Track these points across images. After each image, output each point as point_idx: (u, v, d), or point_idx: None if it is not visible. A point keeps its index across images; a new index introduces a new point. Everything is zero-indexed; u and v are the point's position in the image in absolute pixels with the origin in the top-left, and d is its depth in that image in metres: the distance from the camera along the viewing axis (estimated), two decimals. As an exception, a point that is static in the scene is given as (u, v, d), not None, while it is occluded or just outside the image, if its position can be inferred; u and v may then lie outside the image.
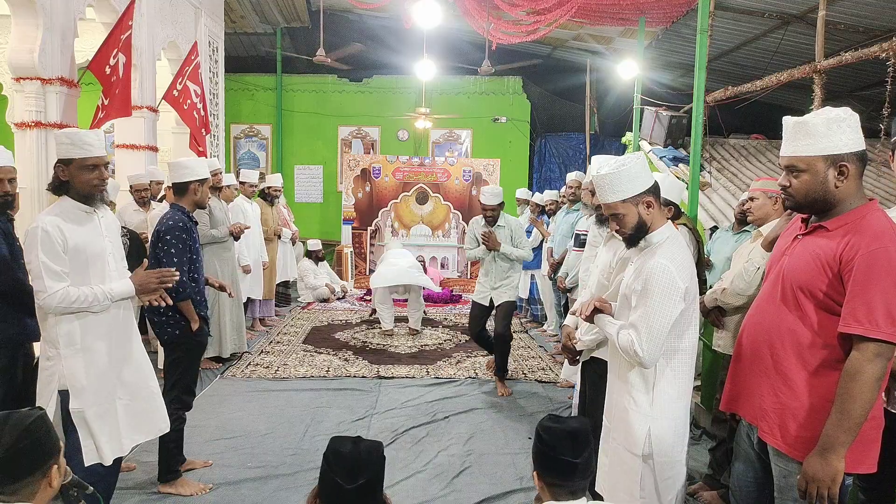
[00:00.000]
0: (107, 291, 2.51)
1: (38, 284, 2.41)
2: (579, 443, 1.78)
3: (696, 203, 5.16)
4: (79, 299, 2.43)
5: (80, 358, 2.51)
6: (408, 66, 10.25)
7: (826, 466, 1.74)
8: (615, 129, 11.07)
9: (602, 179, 2.25)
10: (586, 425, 1.86)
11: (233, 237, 5.37)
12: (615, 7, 6.99)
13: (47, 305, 2.41)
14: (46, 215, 2.48)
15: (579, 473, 1.77)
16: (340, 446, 1.60)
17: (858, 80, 7.70)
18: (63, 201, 2.54)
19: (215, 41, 8.52)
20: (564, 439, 1.78)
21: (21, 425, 1.49)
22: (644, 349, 2.12)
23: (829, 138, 1.79)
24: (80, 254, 2.48)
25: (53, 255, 2.40)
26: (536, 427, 1.86)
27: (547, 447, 1.78)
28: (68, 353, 2.49)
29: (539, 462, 1.82)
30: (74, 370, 2.49)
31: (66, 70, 5.11)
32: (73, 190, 2.53)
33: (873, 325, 1.69)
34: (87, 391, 2.52)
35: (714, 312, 3.31)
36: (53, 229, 2.42)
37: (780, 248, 2.03)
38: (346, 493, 1.53)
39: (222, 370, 5.35)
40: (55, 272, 2.40)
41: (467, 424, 4.35)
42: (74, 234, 2.47)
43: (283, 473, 3.53)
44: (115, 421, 2.61)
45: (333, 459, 1.57)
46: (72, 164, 2.51)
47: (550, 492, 1.80)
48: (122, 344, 2.66)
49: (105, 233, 2.62)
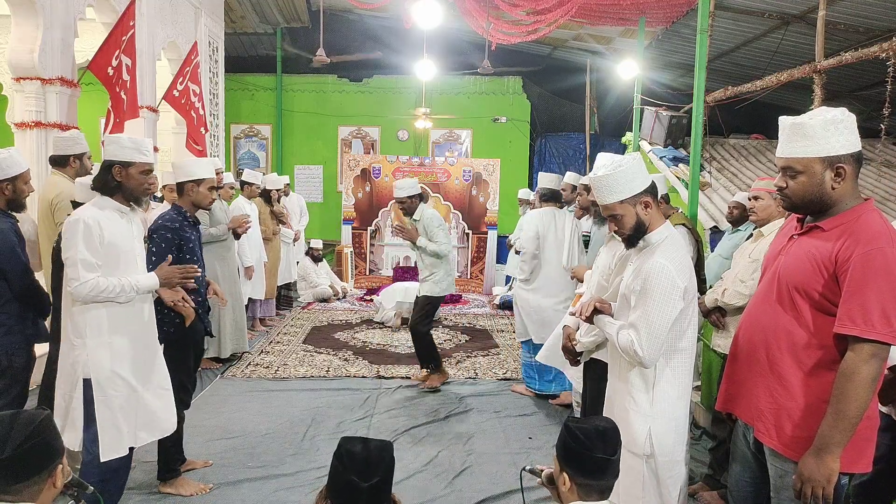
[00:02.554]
0: (133, 283, 2.62)
1: (72, 272, 2.52)
2: (611, 440, 1.79)
3: (696, 203, 5.17)
4: (107, 289, 2.54)
5: (107, 348, 2.60)
6: (408, 66, 10.25)
7: (821, 466, 1.75)
8: (615, 129, 11.07)
9: (599, 181, 2.25)
10: (613, 423, 1.87)
11: (234, 235, 5.37)
12: (615, 7, 6.99)
13: (78, 293, 2.51)
14: (86, 210, 2.61)
15: (611, 471, 1.79)
16: (352, 446, 1.62)
17: (858, 80, 7.69)
18: (102, 200, 2.66)
19: (215, 41, 8.53)
20: (597, 437, 1.78)
21: (30, 424, 1.49)
22: (644, 349, 2.13)
23: (826, 140, 1.79)
24: (114, 248, 2.61)
25: (91, 247, 2.53)
26: (563, 429, 1.83)
27: (582, 446, 1.77)
28: (94, 342, 2.58)
29: (574, 462, 1.80)
30: (100, 359, 2.58)
31: (66, 70, 5.12)
32: (124, 191, 2.67)
33: (869, 326, 1.70)
34: (112, 381, 2.60)
35: (715, 313, 3.31)
36: (94, 223, 2.54)
37: (776, 248, 2.04)
38: (362, 491, 1.54)
39: (222, 370, 5.36)
40: (90, 263, 2.52)
41: (467, 424, 4.36)
42: (111, 231, 2.60)
43: (283, 473, 3.54)
44: (134, 413, 2.68)
45: (347, 459, 1.58)
46: (132, 167, 2.66)
47: (581, 492, 1.78)
48: (144, 339, 2.77)
49: (136, 234, 2.75)
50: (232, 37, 10.36)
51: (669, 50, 8.48)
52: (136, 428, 2.69)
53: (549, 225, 4.73)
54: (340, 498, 1.57)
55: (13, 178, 3.07)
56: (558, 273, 4.68)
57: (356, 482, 1.54)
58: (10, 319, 2.96)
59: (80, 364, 2.57)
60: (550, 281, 4.69)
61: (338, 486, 1.58)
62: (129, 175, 2.67)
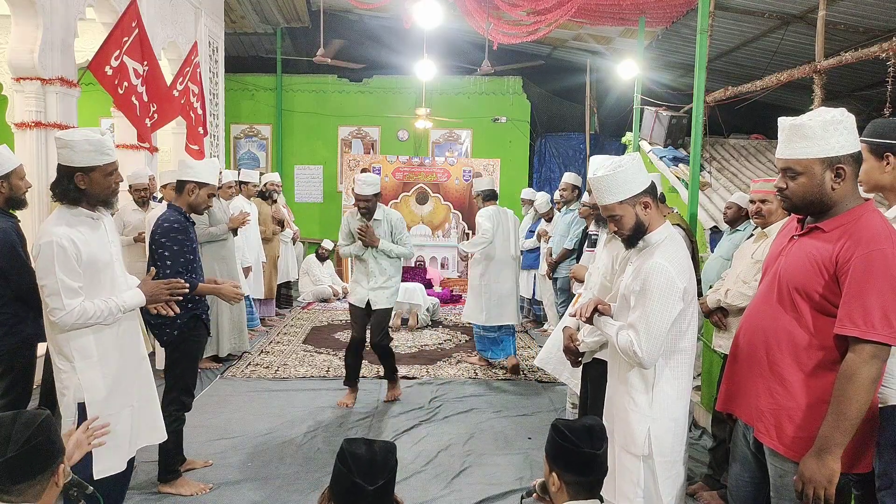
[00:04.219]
0: (119, 304, 2.45)
1: (54, 301, 2.32)
2: (597, 436, 1.83)
3: (696, 203, 5.16)
4: (94, 315, 2.37)
5: (98, 370, 2.46)
6: (408, 66, 10.24)
7: (822, 467, 1.75)
8: (615, 129, 11.06)
9: (598, 181, 2.26)
10: (600, 421, 1.90)
11: (232, 233, 5.37)
12: (615, 7, 6.98)
13: (64, 323, 2.33)
14: (56, 226, 2.36)
15: (599, 467, 1.82)
16: (356, 448, 1.61)
17: (858, 80, 7.68)
18: (68, 211, 2.42)
19: (215, 41, 8.53)
20: (584, 433, 1.82)
21: (33, 423, 1.49)
22: (643, 349, 2.13)
23: (826, 141, 1.79)
24: (93, 265, 2.41)
25: (70, 270, 2.32)
26: (551, 429, 1.88)
27: (569, 443, 1.81)
28: (84, 366, 2.43)
29: (562, 460, 1.83)
30: (93, 382, 2.44)
31: (66, 70, 5.12)
32: (89, 198, 2.43)
33: (869, 327, 1.70)
34: (105, 401, 2.47)
35: (717, 313, 3.31)
36: (69, 243, 2.32)
37: (777, 249, 2.03)
38: (368, 494, 1.53)
39: (222, 370, 5.36)
40: (72, 289, 2.32)
41: (467, 424, 4.36)
42: (87, 246, 2.38)
43: (283, 473, 3.54)
44: (127, 428, 2.58)
45: (352, 462, 1.57)
46: (94, 171, 2.40)
47: (570, 491, 1.82)
48: (132, 352, 2.63)
49: (110, 238, 2.56)
50: (232, 37, 10.35)
51: (669, 50, 8.47)
52: (129, 442, 2.58)
53: (499, 219, 5.52)
54: (345, 500, 1.56)
55: (6, 174, 3.02)
56: (505, 262, 5.57)
57: (362, 485, 1.53)
58: (11, 319, 2.95)
59: (71, 389, 2.42)
60: (499, 268, 5.53)
61: (342, 489, 1.57)
62: (93, 181, 2.40)
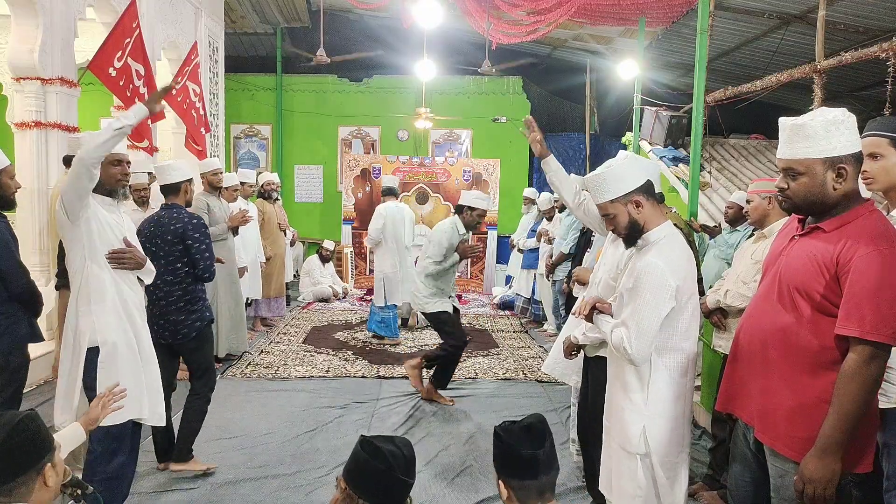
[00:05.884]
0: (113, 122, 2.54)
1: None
2: (536, 435, 1.77)
3: (696, 203, 5.17)
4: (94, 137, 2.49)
5: (114, 313, 2.63)
6: (408, 66, 10.25)
7: (823, 468, 1.74)
8: (615, 129, 11.07)
9: (592, 181, 2.29)
10: (542, 419, 1.83)
11: (232, 233, 5.36)
12: (615, 7, 6.98)
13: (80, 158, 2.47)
14: None
15: (542, 467, 1.73)
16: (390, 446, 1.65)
17: (858, 80, 7.69)
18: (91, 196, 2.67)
19: (215, 41, 8.52)
20: (521, 434, 1.77)
21: (10, 423, 1.51)
22: (633, 346, 2.14)
23: (827, 141, 1.79)
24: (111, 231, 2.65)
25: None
26: (493, 433, 1.82)
27: (506, 445, 1.76)
28: (99, 308, 2.60)
29: (501, 465, 1.79)
30: (107, 323, 2.61)
31: (66, 70, 5.12)
32: (99, 186, 2.65)
33: (870, 327, 1.70)
34: (118, 346, 2.61)
35: (716, 313, 3.31)
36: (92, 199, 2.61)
37: (777, 249, 2.03)
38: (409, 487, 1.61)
39: (222, 370, 5.35)
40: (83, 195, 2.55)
41: (467, 424, 4.36)
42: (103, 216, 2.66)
43: (283, 473, 3.54)
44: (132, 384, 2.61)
45: (393, 460, 1.61)
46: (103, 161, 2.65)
47: (519, 497, 1.75)
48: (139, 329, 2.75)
49: (126, 229, 2.77)
50: (232, 37, 10.35)
51: (669, 50, 8.47)
52: (138, 398, 2.65)
53: (393, 214, 6.54)
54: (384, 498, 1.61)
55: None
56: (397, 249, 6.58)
57: (406, 481, 1.61)
58: (7, 320, 2.92)
59: (85, 332, 2.58)
60: (391, 256, 6.57)
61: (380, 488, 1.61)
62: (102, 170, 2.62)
